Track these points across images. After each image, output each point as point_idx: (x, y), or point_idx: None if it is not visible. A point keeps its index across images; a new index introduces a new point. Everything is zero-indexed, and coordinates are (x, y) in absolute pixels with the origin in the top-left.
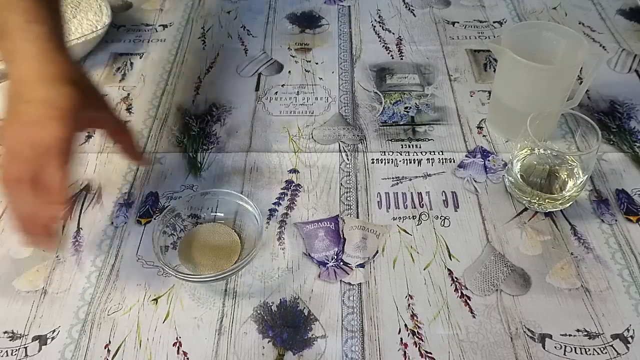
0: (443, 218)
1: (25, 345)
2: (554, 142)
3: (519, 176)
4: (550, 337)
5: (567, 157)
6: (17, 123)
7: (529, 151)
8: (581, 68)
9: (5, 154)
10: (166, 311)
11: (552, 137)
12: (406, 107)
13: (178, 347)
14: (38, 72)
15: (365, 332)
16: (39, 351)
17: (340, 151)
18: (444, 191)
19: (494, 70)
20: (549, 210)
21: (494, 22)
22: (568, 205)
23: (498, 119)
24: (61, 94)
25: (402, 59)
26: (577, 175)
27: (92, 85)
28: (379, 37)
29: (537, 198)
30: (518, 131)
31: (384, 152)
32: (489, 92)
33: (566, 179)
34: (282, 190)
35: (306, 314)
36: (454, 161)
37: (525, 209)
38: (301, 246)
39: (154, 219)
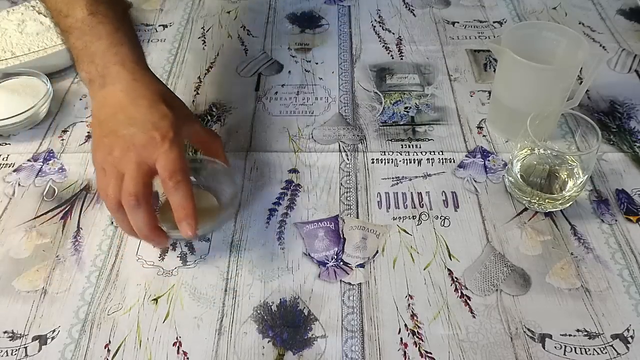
0: (443, 218)
1: (25, 345)
2: (554, 142)
3: (519, 176)
4: (550, 337)
5: (567, 157)
6: (123, 147)
7: (529, 151)
8: (581, 68)
9: (111, 176)
10: (166, 311)
11: (552, 137)
12: (406, 107)
13: (178, 347)
14: (132, 94)
15: (365, 332)
16: (39, 351)
17: (340, 151)
18: (444, 191)
19: (494, 70)
20: (549, 210)
21: (494, 22)
22: (568, 205)
23: (498, 119)
24: (160, 115)
25: (402, 59)
26: (577, 175)
27: (180, 101)
28: (379, 37)
29: (537, 198)
30: (518, 131)
31: (384, 152)
32: (489, 92)
33: (566, 179)
34: (282, 190)
35: (306, 314)
36: (454, 161)
37: (525, 209)
38: (301, 246)
39: None
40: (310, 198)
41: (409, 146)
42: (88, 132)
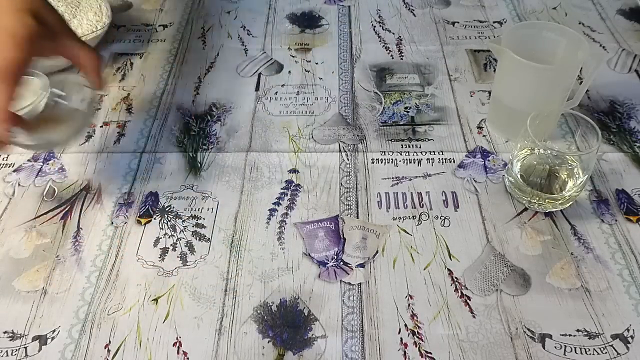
0: (443, 218)
1: (25, 345)
2: (554, 142)
3: (519, 176)
4: (550, 337)
5: (567, 157)
6: None
7: (529, 151)
8: (581, 68)
9: None
10: (166, 311)
11: (552, 137)
12: (406, 107)
13: (178, 347)
14: (5, 5)
15: (365, 332)
16: (39, 351)
17: (340, 151)
18: (444, 191)
19: (494, 70)
20: (548, 210)
21: (494, 22)
22: (568, 205)
23: (498, 119)
24: (20, 23)
25: (402, 59)
26: (577, 175)
27: (56, 17)
28: (379, 37)
29: (537, 198)
30: (518, 131)
31: (384, 152)
32: (489, 92)
33: (566, 179)
34: (282, 190)
35: (306, 314)
36: (454, 161)
37: (525, 209)
38: (301, 246)
39: (154, 219)
40: (310, 198)
41: (409, 146)
42: (88, 132)
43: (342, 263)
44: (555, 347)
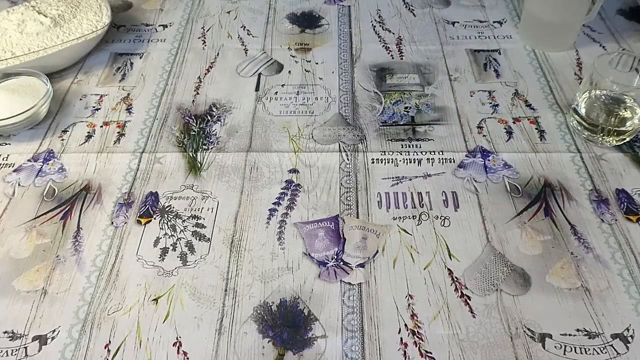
0: (443, 218)
1: (25, 345)
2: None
3: (583, 112)
4: (550, 336)
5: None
6: None
7: (588, 94)
8: None
9: None
10: (166, 311)
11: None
12: (406, 107)
13: (178, 347)
14: None
15: (365, 332)
16: (39, 351)
17: (340, 151)
18: (444, 191)
19: (494, 70)
20: (615, 144)
21: (494, 22)
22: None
23: (529, 30)
24: None
25: (402, 59)
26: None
27: None
28: (379, 37)
29: (609, 129)
30: (546, 39)
31: (384, 152)
32: (489, 92)
33: (628, 114)
34: (282, 190)
35: (306, 313)
36: (454, 161)
37: (526, 209)
38: (301, 246)
39: (154, 219)
40: (310, 198)
41: (409, 146)
42: (88, 132)
43: (342, 263)
44: (555, 346)
